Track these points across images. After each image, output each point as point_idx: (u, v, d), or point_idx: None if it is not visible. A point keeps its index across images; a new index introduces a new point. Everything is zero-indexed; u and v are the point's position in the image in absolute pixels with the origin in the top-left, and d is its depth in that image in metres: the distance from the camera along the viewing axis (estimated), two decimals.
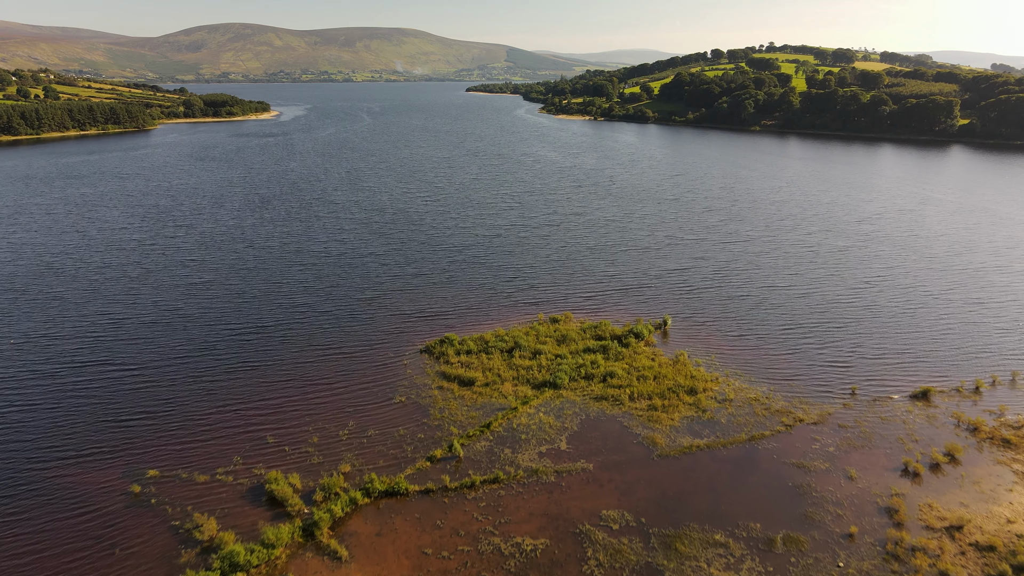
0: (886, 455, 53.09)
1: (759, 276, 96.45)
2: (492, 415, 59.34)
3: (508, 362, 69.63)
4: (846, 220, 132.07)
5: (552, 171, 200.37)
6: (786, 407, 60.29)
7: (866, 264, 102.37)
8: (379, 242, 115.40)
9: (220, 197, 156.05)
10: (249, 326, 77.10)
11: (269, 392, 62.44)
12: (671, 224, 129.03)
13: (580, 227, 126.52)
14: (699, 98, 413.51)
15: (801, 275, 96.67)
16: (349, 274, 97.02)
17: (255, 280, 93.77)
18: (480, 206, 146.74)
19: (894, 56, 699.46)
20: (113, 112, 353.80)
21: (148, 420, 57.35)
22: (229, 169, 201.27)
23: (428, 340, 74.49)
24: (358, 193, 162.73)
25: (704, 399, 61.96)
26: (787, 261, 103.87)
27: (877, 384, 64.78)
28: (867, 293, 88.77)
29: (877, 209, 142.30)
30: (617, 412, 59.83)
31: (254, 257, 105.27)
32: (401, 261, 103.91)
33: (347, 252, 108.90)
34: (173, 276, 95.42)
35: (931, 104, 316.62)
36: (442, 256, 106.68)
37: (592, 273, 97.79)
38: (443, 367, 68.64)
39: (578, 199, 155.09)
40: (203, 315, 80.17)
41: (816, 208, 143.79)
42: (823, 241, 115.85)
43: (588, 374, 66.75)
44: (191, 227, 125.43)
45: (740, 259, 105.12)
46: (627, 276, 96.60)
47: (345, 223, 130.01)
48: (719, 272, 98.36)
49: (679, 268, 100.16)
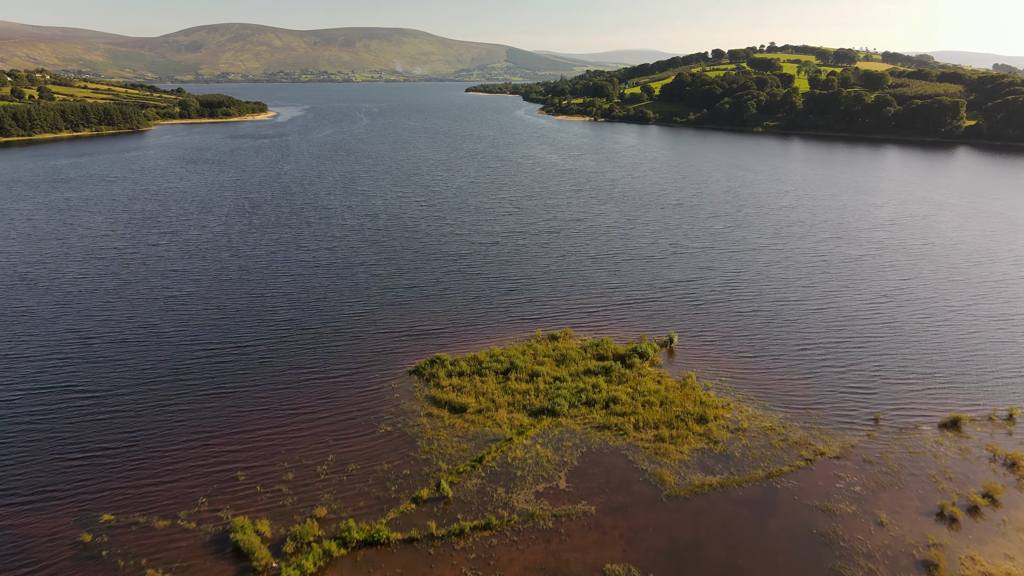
0: (918, 496, 48.16)
1: (770, 288, 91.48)
2: (485, 447, 54.44)
3: (503, 385, 64.74)
4: (857, 227, 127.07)
5: (552, 174, 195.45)
6: (805, 438, 55.37)
7: (882, 275, 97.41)
8: (371, 250, 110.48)
9: (209, 202, 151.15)
10: (227, 345, 72.16)
11: (243, 421, 57.52)
12: (675, 231, 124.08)
13: (581, 234, 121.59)
14: (700, 99, 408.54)
15: (814, 287, 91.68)
16: (338, 286, 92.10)
17: (238, 293, 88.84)
18: (477, 211, 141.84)
19: (896, 56, 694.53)
20: (107, 113, 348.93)
21: (108, 455, 52.42)
22: (221, 172, 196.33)
23: (418, 360, 69.60)
24: (352, 197, 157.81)
25: (715, 428, 57.06)
26: (798, 272, 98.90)
27: (902, 411, 59.84)
28: (885, 307, 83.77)
29: (889, 215, 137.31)
30: (621, 444, 54.92)
31: (239, 267, 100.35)
32: (393, 271, 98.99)
33: (337, 261, 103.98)
34: (151, 288, 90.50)
35: (937, 105, 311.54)
36: (436, 266, 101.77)
37: (593, 285, 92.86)
38: (433, 391, 63.74)
39: (579, 204, 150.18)
40: (179, 333, 75.22)
41: (825, 214, 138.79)
42: (835, 250, 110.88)
43: (589, 400, 61.82)
44: (176, 234, 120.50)
45: (749, 269, 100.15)
46: (630, 288, 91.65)
47: (336, 230, 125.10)
48: (727, 284, 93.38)
49: (685, 279, 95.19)
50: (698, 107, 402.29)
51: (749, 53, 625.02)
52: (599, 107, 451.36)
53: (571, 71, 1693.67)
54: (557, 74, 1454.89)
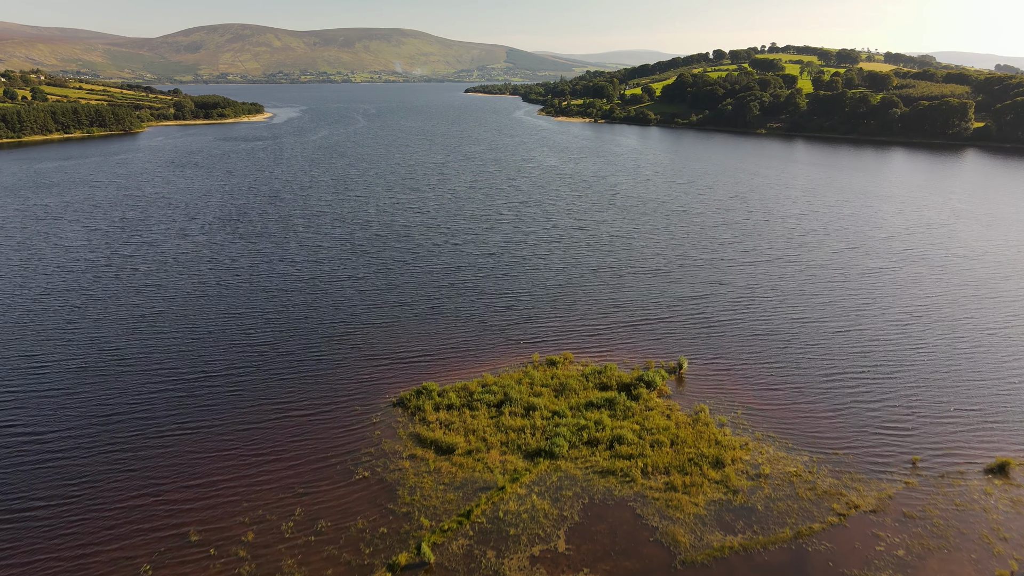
0: (971, 561, 41.84)
1: (786, 306, 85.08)
2: (474, 497, 48.14)
3: (496, 421, 58.43)
4: (873, 236, 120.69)
5: (552, 178, 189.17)
6: (835, 486, 49.04)
7: (904, 290, 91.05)
8: (359, 263, 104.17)
9: (193, 208, 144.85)
10: (194, 373, 65.82)
11: (204, 466, 51.20)
12: (682, 241, 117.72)
13: (582, 244, 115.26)
14: (702, 100, 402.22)
15: (834, 305, 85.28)
16: (321, 303, 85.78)
17: (213, 311, 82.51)
18: (474, 219, 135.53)
19: (898, 57, 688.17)
20: (99, 114, 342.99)
21: (44, 511, 46.09)
22: (209, 176, 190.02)
23: (404, 390, 63.34)
24: (343, 203, 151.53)
25: (733, 474, 50.72)
26: (815, 287, 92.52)
27: (942, 453, 53.51)
28: (913, 328, 77.34)
29: (905, 223, 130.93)
30: (628, 493, 48.60)
31: (217, 281, 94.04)
32: (382, 286, 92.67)
33: (322, 275, 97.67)
34: (120, 306, 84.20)
35: (944, 106, 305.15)
36: (428, 280, 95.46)
37: (596, 302, 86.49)
38: (419, 427, 57.44)
39: (580, 211, 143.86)
40: (143, 359, 68.88)
41: (838, 221, 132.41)
42: (852, 261, 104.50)
43: (592, 439, 55.48)
44: (154, 244, 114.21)
45: (762, 284, 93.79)
46: (635, 306, 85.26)
47: (325, 239, 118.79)
48: (739, 301, 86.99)
49: (694, 295, 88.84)
50: (700, 108, 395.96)
51: (751, 54, 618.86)
52: (599, 108, 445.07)
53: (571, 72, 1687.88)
54: (557, 75, 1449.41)
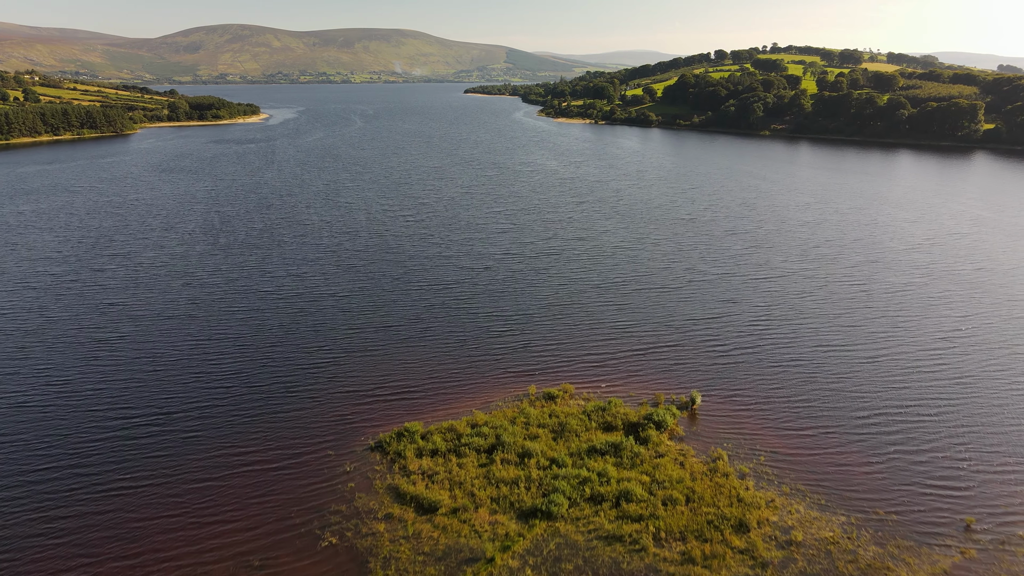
0: None
1: (807, 329, 77.93)
2: (458, 572, 41.12)
3: (486, 470, 51.38)
4: (893, 247, 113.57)
5: (552, 183, 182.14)
6: (880, 557, 41.99)
7: (934, 310, 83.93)
8: (345, 278, 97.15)
9: (175, 216, 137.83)
10: (148, 413, 58.76)
11: (146, 533, 44.14)
12: (690, 252, 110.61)
13: (584, 257, 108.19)
14: (704, 101, 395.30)
15: (859, 327, 78.13)
16: (298, 326, 78.76)
17: (180, 336, 75.46)
18: (469, 228, 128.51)
19: (901, 57, 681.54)
20: (89, 116, 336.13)
21: None
22: (195, 181, 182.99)
23: (383, 431, 56.38)
24: (332, 211, 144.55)
25: (760, 542, 43.65)
26: (837, 306, 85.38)
27: (998, 512, 46.45)
28: (949, 356, 70.21)
29: (925, 233, 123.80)
30: (638, 566, 41.58)
31: (189, 300, 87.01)
32: (366, 306, 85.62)
33: (304, 292, 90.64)
34: (79, 329, 77.18)
35: (953, 107, 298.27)
36: (417, 298, 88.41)
37: (598, 324, 79.39)
38: (398, 478, 50.39)
39: (581, 219, 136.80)
40: (93, 395, 61.84)
41: (855, 231, 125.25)
42: (874, 276, 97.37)
43: (595, 494, 48.38)
44: (127, 257, 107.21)
45: (779, 303, 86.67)
46: (641, 329, 78.15)
47: (310, 251, 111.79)
48: (755, 323, 79.86)
49: (705, 316, 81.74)
50: (702, 109, 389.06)
51: (752, 54, 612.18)
52: (600, 109, 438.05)
53: (571, 72, 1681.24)
54: (557, 75, 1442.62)
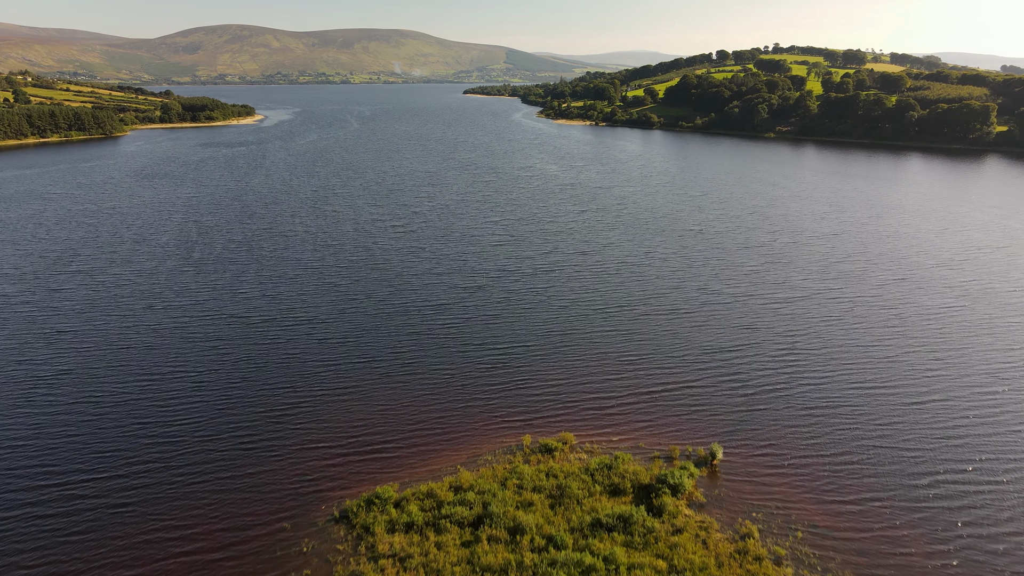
0: None
1: (838, 363, 69.13)
2: None
3: (470, 552, 42.65)
4: (922, 263, 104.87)
5: (552, 189, 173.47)
6: None
7: (978, 339, 75.09)
8: (323, 300, 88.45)
9: (149, 227, 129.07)
10: (74, 476, 49.97)
11: None
12: (702, 270, 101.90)
13: (586, 275, 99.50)
14: (707, 102, 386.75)
15: (897, 362, 69.31)
16: (268, 359, 70.04)
17: (129, 373, 66.75)
18: (463, 240, 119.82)
19: (905, 57, 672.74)
20: (77, 118, 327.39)
21: None
22: (177, 187, 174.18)
23: (351, 496, 47.74)
24: (319, 220, 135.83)
25: None
26: (869, 334, 76.56)
27: None
28: (1006, 399, 61.37)
29: (954, 246, 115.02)
30: None
31: (149, 328, 78.27)
32: (343, 334, 76.87)
33: (276, 318, 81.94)
34: (21, 362, 68.43)
35: (965, 109, 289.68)
36: (401, 325, 79.68)
37: (603, 358, 70.62)
38: (363, 564, 41.61)
39: (582, 230, 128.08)
40: (13, 452, 53.01)
41: (877, 244, 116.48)
42: (905, 298, 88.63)
43: None
44: (91, 274, 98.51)
45: (804, 330, 77.89)
46: (651, 362, 69.41)
47: (289, 267, 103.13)
48: (780, 356, 71.08)
49: (722, 347, 72.99)
50: (705, 111, 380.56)
51: (755, 54, 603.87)
52: (600, 110, 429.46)
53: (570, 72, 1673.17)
54: (556, 76, 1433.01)
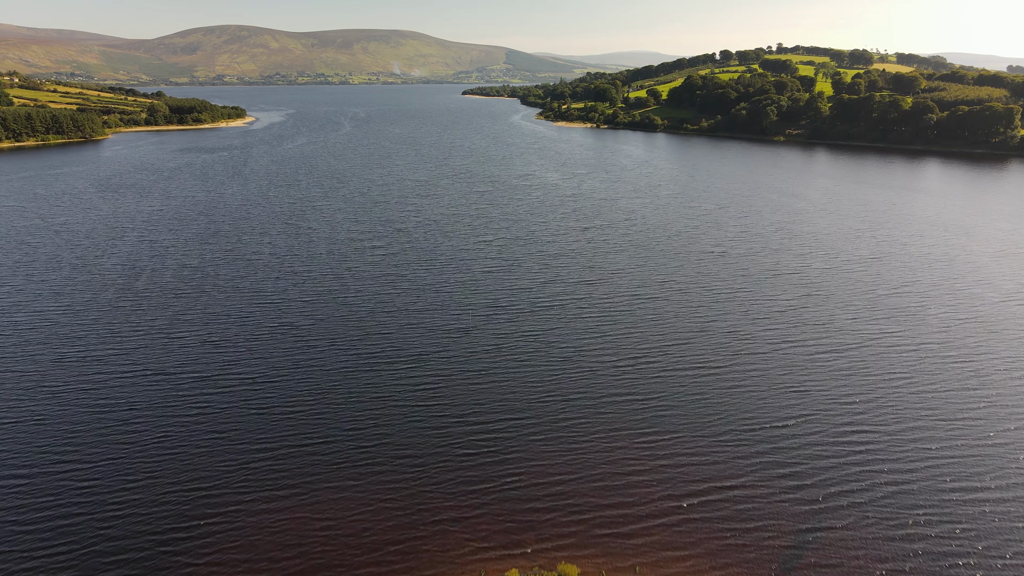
0: None
1: (923, 451, 53.90)
2: None
3: None
4: (987, 298, 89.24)
5: (552, 202, 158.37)
6: None
7: None
8: (276, 350, 73.29)
9: (96, 248, 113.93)
10: None
11: None
12: (728, 305, 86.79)
13: (593, 313, 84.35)
14: (713, 104, 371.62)
15: (990, 452, 54.21)
16: (187, 444, 54.89)
17: (35, 446, 51.68)
18: (450, 266, 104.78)
19: (912, 58, 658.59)
20: (55, 121, 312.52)
21: None
22: (141, 200, 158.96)
23: None
24: (289, 240, 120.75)
25: None
26: (950, 403, 61.35)
27: None
28: None
29: (1018, 275, 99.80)
30: None
31: (50, 391, 63.18)
32: (294, 399, 61.76)
33: (213, 375, 66.75)
34: None
35: (988, 112, 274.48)
36: (365, 390, 64.47)
37: (616, 435, 55.47)
38: None
39: (587, 252, 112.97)
40: None
41: (928, 272, 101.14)
42: (979, 347, 73.28)
43: None
44: (7, 311, 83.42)
45: (868, 396, 62.63)
46: (681, 449, 54.16)
47: (243, 302, 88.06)
48: (845, 438, 55.73)
49: (769, 423, 57.82)
50: (710, 113, 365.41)
51: (759, 54, 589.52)
52: (602, 112, 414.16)
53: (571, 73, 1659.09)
54: (556, 76, 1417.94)
